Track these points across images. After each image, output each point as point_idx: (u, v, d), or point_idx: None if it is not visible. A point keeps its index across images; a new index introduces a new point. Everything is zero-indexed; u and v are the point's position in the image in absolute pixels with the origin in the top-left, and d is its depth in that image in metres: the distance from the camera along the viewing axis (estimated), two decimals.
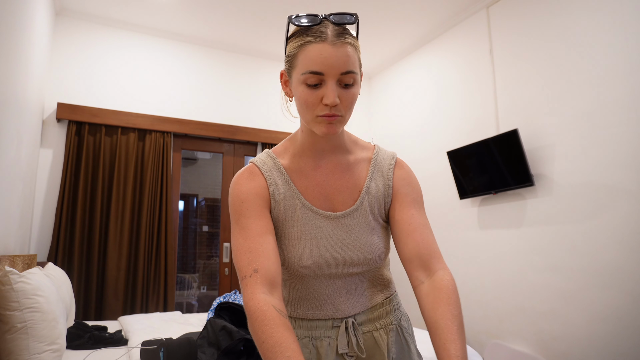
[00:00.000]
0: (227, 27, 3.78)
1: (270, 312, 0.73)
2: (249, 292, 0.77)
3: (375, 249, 0.90)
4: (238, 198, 0.88)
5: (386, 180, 0.94)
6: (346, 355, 0.88)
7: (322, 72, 0.77)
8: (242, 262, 0.81)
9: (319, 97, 0.79)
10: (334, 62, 0.77)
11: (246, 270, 0.79)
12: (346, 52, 0.78)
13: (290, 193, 0.91)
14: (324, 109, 0.79)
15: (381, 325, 0.92)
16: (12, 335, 1.61)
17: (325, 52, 0.77)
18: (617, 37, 2.45)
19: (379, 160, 0.96)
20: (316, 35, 0.78)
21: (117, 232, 3.29)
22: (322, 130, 0.82)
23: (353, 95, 0.82)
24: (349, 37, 0.80)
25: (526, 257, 2.91)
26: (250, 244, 0.82)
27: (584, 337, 2.51)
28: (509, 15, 3.17)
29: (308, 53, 0.78)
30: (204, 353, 1.91)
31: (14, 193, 2.34)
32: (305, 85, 0.79)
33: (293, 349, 0.68)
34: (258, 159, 0.94)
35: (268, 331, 0.71)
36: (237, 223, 0.86)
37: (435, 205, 3.73)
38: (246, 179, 0.90)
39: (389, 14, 3.59)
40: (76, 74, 3.44)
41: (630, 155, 2.36)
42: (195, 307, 4.66)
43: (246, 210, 0.86)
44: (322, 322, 0.90)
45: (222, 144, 4.06)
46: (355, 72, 0.80)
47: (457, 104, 3.61)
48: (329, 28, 0.79)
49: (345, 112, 0.82)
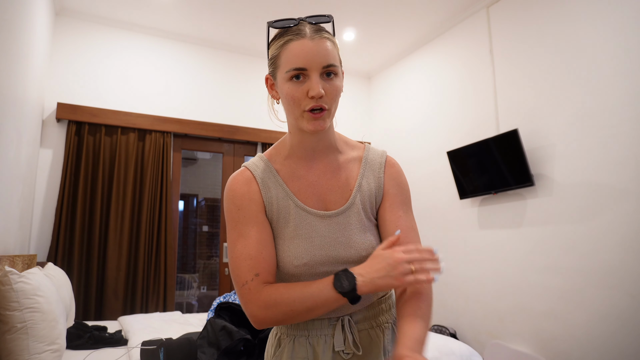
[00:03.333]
0: (227, 27, 3.78)
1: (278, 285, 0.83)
2: (254, 293, 0.82)
3: (369, 247, 0.91)
4: (234, 205, 0.90)
5: (377, 179, 0.96)
6: (342, 352, 0.89)
7: (305, 67, 0.82)
8: (241, 268, 0.84)
9: (304, 91, 0.83)
10: (315, 55, 0.82)
11: (247, 275, 0.83)
12: (325, 46, 0.83)
13: (283, 194, 0.92)
14: (310, 102, 0.83)
15: (377, 324, 0.93)
16: (12, 335, 1.61)
17: (306, 47, 0.82)
18: (617, 37, 2.45)
19: (370, 158, 0.98)
20: (295, 34, 0.84)
21: (117, 232, 3.29)
22: (309, 126, 0.85)
23: (337, 88, 0.85)
24: (327, 34, 0.86)
25: (526, 257, 2.91)
26: (249, 251, 0.85)
27: (584, 337, 2.51)
28: (509, 15, 3.17)
29: (290, 51, 0.83)
30: (204, 353, 1.90)
31: (14, 193, 2.34)
32: (291, 82, 0.83)
33: (313, 281, 0.82)
34: (250, 163, 0.96)
35: (288, 292, 0.81)
36: (234, 229, 0.88)
37: (435, 205, 3.73)
38: (240, 183, 0.92)
39: (389, 14, 3.59)
40: (76, 74, 3.44)
41: (630, 155, 2.36)
42: (195, 307, 4.66)
43: (243, 218, 0.88)
44: (319, 321, 0.91)
45: (222, 144, 4.06)
46: (336, 65, 0.85)
47: (457, 104, 3.61)
48: (307, 27, 0.85)
49: (331, 104, 0.85)
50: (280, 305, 0.80)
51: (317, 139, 0.93)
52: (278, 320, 0.82)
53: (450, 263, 3.55)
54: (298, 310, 0.80)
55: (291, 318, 0.81)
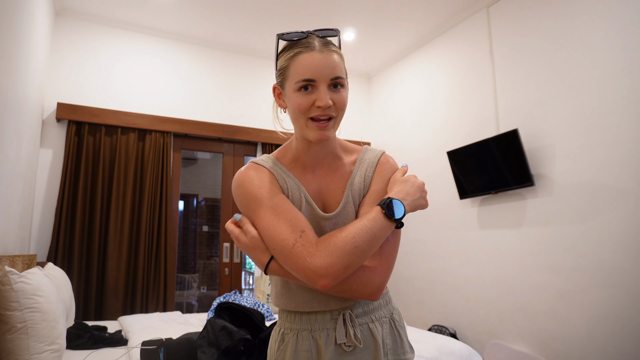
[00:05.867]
0: (227, 27, 3.78)
1: (329, 234, 0.84)
2: (309, 246, 0.81)
3: None
4: (253, 185, 0.91)
5: (367, 177, 1.00)
6: (344, 345, 0.92)
7: (314, 79, 0.86)
8: (283, 232, 0.83)
9: (312, 101, 0.87)
10: (324, 68, 0.86)
11: (293, 236, 0.83)
12: (333, 59, 0.88)
13: (295, 186, 0.96)
14: (317, 110, 0.87)
15: (375, 318, 0.97)
16: (12, 335, 1.61)
17: (315, 59, 0.86)
18: (617, 37, 2.45)
19: (364, 159, 1.02)
20: (305, 46, 0.88)
21: (117, 232, 3.29)
22: (314, 135, 0.89)
23: (343, 98, 0.90)
24: (334, 47, 0.91)
25: (526, 257, 2.91)
26: (285, 215, 0.86)
27: (584, 337, 2.51)
28: (509, 15, 3.17)
29: (299, 62, 0.87)
30: (204, 353, 1.90)
31: (14, 193, 2.34)
32: (299, 93, 0.87)
33: (359, 219, 0.86)
34: (258, 159, 0.99)
35: (343, 233, 0.82)
36: (260, 206, 0.88)
37: (435, 205, 3.73)
38: (252, 171, 0.94)
39: (389, 14, 3.59)
40: (76, 74, 3.44)
41: (630, 155, 2.36)
42: (195, 307, 4.66)
43: (267, 192, 0.90)
44: (321, 315, 0.93)
45: (222, 144, 4.06)
46: (343, 77, 0.89)
47: (457, 103, 3.61)
48: (316, 40, 0.89)
49: (338, 114, 0.90)
50: (344, 246, 0.80)
51: (321, 147, 0.97)
52: (344, 264, 0.80)
53: (451, 263, 3.55)
54: (361, 246, 0.81)
55: (356, 257, 0.81)
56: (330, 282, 0.80)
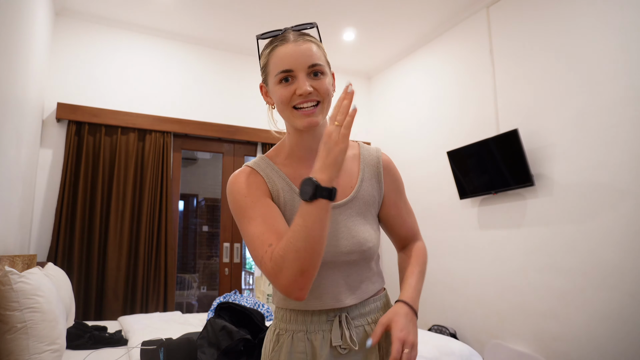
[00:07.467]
0: (227, 27, 3.78)
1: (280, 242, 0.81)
2: (270, 266, 0.79)
3: (368, 238, 0.95)
4: (239, 194, 0.91)
5: (378, 182, 1.02)
6: (339, 347, 0.91)
7: (291, 69, 0.87)
8: (257, 249, 0.83)
9: (292, 91, 0.88)
10: (300, 57, 0.87)
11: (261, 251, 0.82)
12: (309, 47, 0.89)
13: (287, 188, 0.95)
14: (299, 99, 0.88)
15: (372, 320, 0.97)
16: (12, 335, 1.61)
17: (290, 50, 0.88)
18: (617, 37, 2.45)
19: (366, 155, 1.04)
20: (281, 40, 0.91)
21: (117, 232, 3.29)
22: (302, 122, 0.89)
23: (325, 84, 0.90)
24: (310, 37, 0.92)
25: (526, 257, 2.91)
26: (260, 228, 0.85)
27: (584, 337, 2.51)
28: (509, 15, 3.17)
29: (276, 56, 0.90)
30: (204, 353, 1.90)
31: (14, 193, 2.34)
32: (280, 85, 0.89)
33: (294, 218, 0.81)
34: (251, 162, 1.00)
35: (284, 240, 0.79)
36: (244, 217, 0.88)
37: (435, 205, 3.73)
38: (243, 176, 0.95)
39: (389, 14, 3.59)
40: (76, 74, 3.44)
41: (630, 155, 2.36)
42: (195, 307, 4.66)
43: (250, 202, 0.89)
44: (317, 317, 0.93)
45: (222, 144, 4.06)
46: (321, 64, 0.89)
47: (457, 103, 3.61)
48: (291, 33, 0.91)
49: (324, 98, 0.89)
50: (286, 255, 0.76)
51: (313, 137, 0.95)
52: (297, 272, 0.76)
53: (451, 263, 3.55)
54: (301, 246, 0.75)
55: (305, 259, 0.76)
56: (300, 294, 0.78)
